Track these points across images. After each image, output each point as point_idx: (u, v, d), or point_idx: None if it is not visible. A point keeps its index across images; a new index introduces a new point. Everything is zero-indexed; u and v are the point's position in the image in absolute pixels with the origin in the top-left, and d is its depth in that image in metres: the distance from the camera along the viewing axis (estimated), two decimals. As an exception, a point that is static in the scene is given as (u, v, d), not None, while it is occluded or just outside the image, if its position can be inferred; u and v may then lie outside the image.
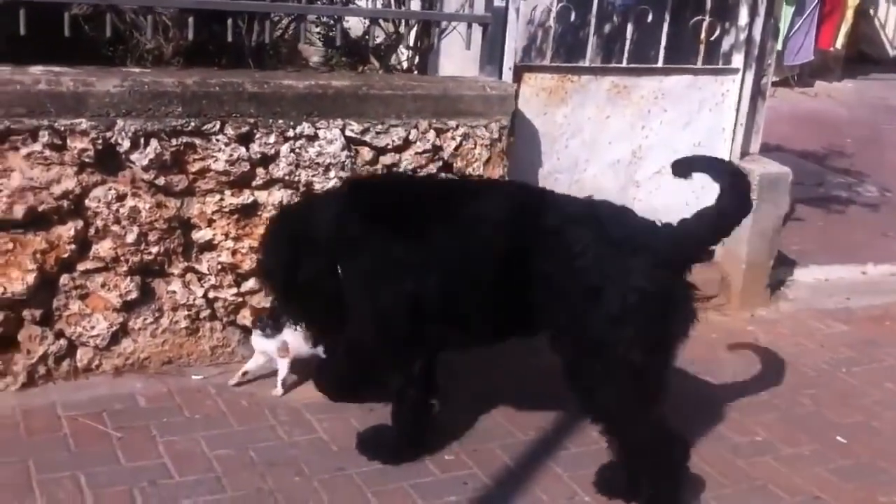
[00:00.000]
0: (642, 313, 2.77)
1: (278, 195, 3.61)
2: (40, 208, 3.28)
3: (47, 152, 3.24)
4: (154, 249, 3.48)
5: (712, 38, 4.57)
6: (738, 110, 4.66)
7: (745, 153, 4.75)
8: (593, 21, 4.32)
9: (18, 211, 3.25)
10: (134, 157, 3.38)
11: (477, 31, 4.07)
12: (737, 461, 3.32)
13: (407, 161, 3.81)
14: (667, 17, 4.43)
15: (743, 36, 4.58)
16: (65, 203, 3.31)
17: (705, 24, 4.51)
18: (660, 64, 4.48)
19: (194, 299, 3.59)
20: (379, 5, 4.17)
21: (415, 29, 4.18)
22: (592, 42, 4.35)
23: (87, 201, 3.36)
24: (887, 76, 12.35)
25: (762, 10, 4.56)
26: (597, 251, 2.83)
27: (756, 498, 3.12)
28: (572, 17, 4.29)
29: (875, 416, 3.75)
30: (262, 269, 3.39)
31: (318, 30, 4.50)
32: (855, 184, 7.41)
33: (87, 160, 3.32)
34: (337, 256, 3.10)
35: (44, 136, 3.23)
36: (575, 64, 4.45)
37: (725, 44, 4.66)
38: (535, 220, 2.97)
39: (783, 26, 4.67)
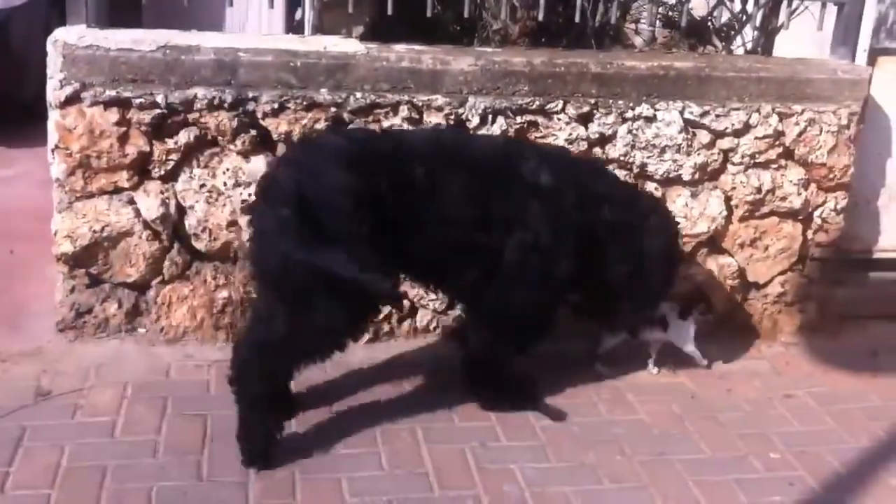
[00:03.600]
0: None
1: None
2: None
3: (406, 126, 3.47)
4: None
5: None
6: None
7: None
8: (964, 0, 3.97)
9: (376, 179, 3.51)
10: (482, 132, 3.54)
11: (831, 11, 3.86)
12: None
13: (745, 146, 3.72)
14: None
15: None
16: (417, 174, 3.54)
17: None
18: None
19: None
20: (727, -16, 4.07)
21: (763, 9, 4.03)
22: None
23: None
24: None
25: None
26: None
27: None
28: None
29: None
30: None
31: (660, 10, 4.47)
32: None
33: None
34: None
35: (404, 111, 3.46)
36: (940, 47, 4.11)
37: None
38: None
39: None
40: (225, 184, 3.44)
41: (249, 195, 3.37)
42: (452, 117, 3.50)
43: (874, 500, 2.92)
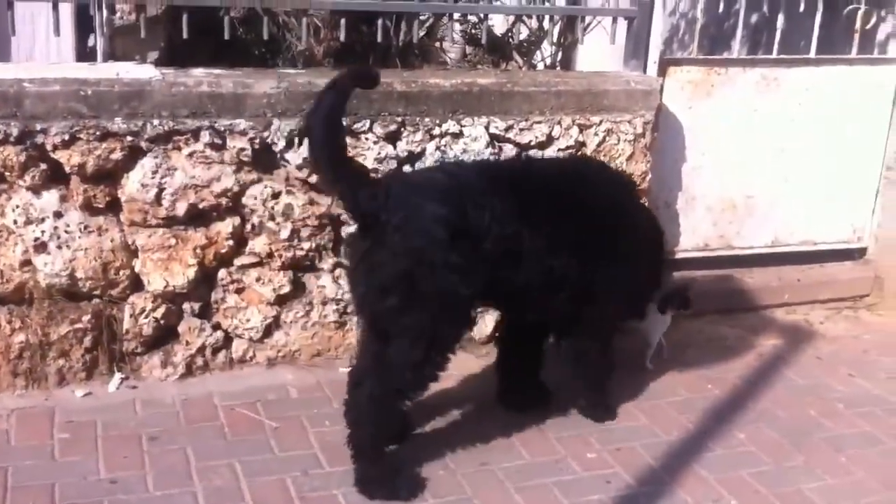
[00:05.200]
0: None
1: (424, 192, 3.67)
2: (201, 205, 3.44)
3: (208, 151, 3.39)
4: (306, 245, 3.60)
5: (868, 27, 4.39)
6: (895, 102, 4.47)
7: (902, 146, 4.56)
8: (742, 11, 4.23)
9: (181, 208, 3.41)
10: (288, 155, 3.50)
11: (622, 25, 4.03)
12: (891, 466, 3.20)
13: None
14: (819, 7, 4.28)
15: (901, 24, 4.40)
16: (224, 200, 3.46)
17: (860, 13, 4.35)
18: (812, 55, 4.34)
19: (343, 294, 3.69)
20: (523, 2, 4.18)
21: (559, 25, 4.17)
22: (740, 32, 4.25)
23: (244, 199, 3.50)
24: None
25: (922, -4, 4.37)
26: None
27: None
28: (720, 8, 4.20)
29: None
30: None
31: (460, 28, 4.55)
32: None
33: (244, 159, 3.45)
34: None
35: (205, 136, 3.38)
36: (722, 56, 4.36)
37: (882, 32, 4.48)
38: None
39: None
40: (15, 221, 3.26)
41: (43, 232, 3.20)
42: (258, 141, 3.44)
43: (685, 491, 3.03)
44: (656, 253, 3.58)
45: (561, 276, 3.08)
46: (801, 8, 4.26)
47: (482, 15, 4.01)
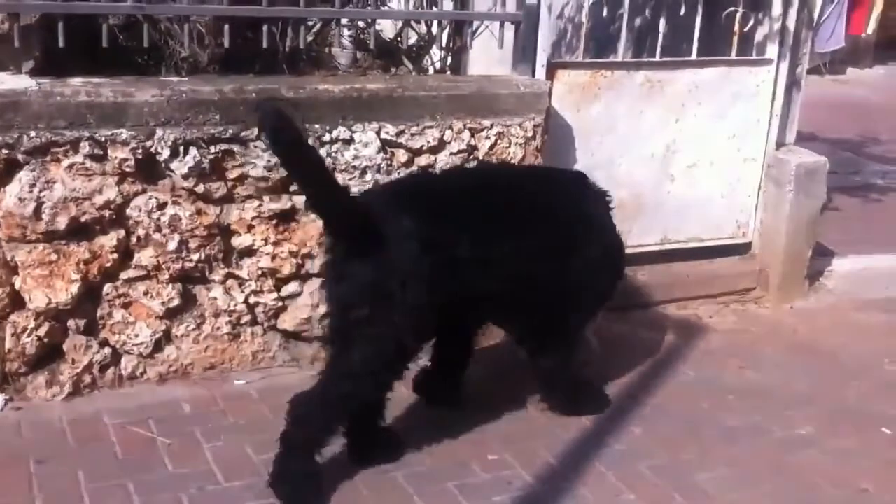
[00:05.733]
0: None
1: (316, 199, 3.63)
2: (83, 219, 3.32)
3: (88, 163, 3.27)
4: (195, 256, 3.51)
5: (746, 30, 4.54)
6: (773, 101, 4.62)
7: (780, 143, 4.71)
8: (626, 15, 4.31)
9: (61, 222, 3.29)
10: (173, 165, 3.41)
11: (509, 29, 4.06)
12: (780, 455, 3.31)
13: (442, 162, 3.82)
14: (699, 10, 4.40)
15: (777, 26, 4.54)
16: (106, 213, 3.35)
17: (739, 16, 4.49)
18: (693, 57, 4.45)
19: (235, 305, 3.62)
20: (411, 7, 4.17)
21: (447, 30, 4.17)
22: (625, 36, 4.33)
23: (128, 210, 3.40)
24: (919, 60, 12.21)
25: (796, -1, 4.53)
26: None
27: (801, 492, 3.11)
28: (604, 12, 4.28)
29: (921, 408, 3.72)
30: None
31: (349, 33, 4.51)
32: (892, 171, 7.32)
33: (127, 170, 3.35)
34: None
35: (85, 148, 3.26)
36: (608, 59, 4.44)
37: (759, 34, 4.62)
38: None
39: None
40: None
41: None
42: (140, 151, 3.34)
43: (586, 488, 3.06)
44: (617, 262, 3.56)
45: (530, 284, 3.16)
46: (683, 11, 4.37)
47: (369, 20, 3.99)
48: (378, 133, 3.69)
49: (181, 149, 3.40)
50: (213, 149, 3.45)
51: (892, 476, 3.22)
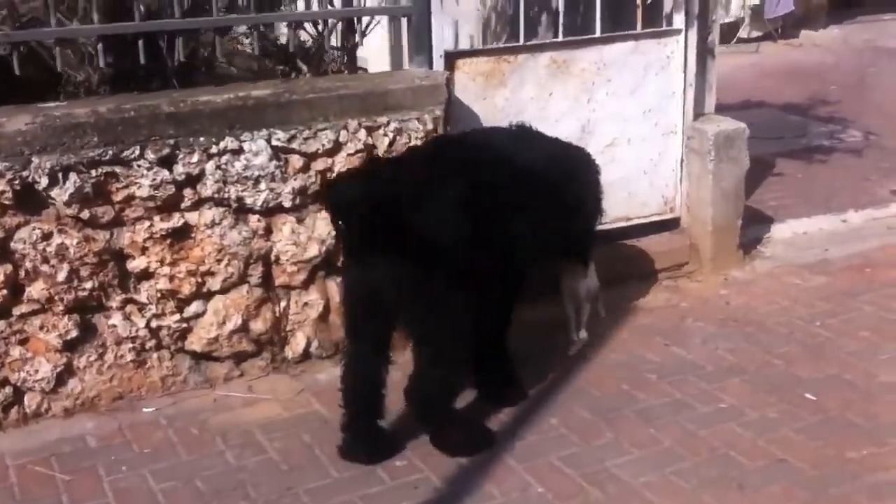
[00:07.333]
0: None
1: (209, 214, 3.54)
2: (-37, 257, 3.23)
3: (-46, 201, 3.18)
4: (88, 285, 3.42)
5: (649, 1, 4.45)
6: (685, 71, 4.53)
7: (699, 114, 4.62)
8: (522, -3, 4.22)
9: (-60, 262, 3.20)
10: (54, 193, 3.31)
11: (403, 23, 3.97)
12: (698, 431, 3.22)
13: (341, 164, 3.72)
14: (600, -16, 4.32)
15: (682, -6, 4.45)
16: (-11, 248, 3.26)
17: (641, -13, 4.41)
18: (597, 34, 4.36)
19: (137, 331, 3.53)
20: (306, 8, 4.09)
21: (338, 28, 4.09)
22: (522, 18, 4.24)
23: (12, 244, 3.31)
24: (872, 18, 12.09)
25: (699, -35, 4.43)
26: None
27: (715, 468, 3.02)
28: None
29: (848, 368, 3.63)
30: None
31: (248, 41, 4.43)
32: (838, 131, 7.21)
33: (6, 202, 3.26)
34: None
35: (-45, 183, 3.18)
36: (507, 44, 4.35)
37: (666, 5, 4.53)
38: None
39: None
40: None
41: None
42: (17, 182, 3.25)
43: (493, 484, 2.98)
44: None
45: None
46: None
47: (257, 26, 3.90)
48: (268, 140, 3.60)
49: (60, 175, 3.30)
50: (94, 172, 3.35)
51: (812, 444, 3.13)
